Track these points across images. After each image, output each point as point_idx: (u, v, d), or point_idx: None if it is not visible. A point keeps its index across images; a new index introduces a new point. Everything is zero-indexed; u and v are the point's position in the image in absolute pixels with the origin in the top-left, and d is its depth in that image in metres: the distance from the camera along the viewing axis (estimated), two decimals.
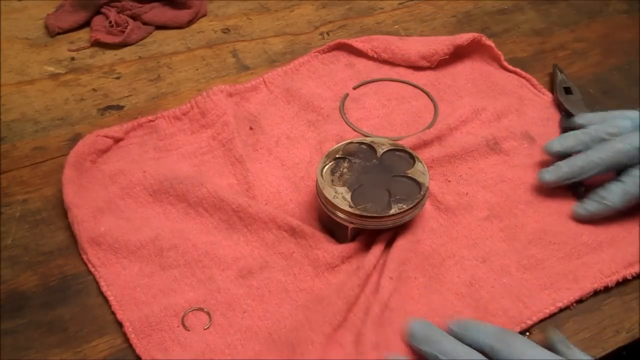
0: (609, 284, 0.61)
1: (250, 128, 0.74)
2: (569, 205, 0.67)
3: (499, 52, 0.81)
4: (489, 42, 0.81)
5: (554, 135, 0.73)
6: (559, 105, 0.76)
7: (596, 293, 0.61)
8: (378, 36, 0.83)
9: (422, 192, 0.62)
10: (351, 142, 0.66)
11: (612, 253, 0.63)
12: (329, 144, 0.71)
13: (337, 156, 0.65)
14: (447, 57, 0.80)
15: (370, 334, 0.57)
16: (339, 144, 0.66)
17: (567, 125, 0.74)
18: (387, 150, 0.66)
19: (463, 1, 0.92)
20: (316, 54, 0.82)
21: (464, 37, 0.80)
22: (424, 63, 0.80)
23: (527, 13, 0.91)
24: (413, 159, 0.65)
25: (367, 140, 0.66)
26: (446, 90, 0.78)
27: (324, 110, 0.76)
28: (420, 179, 0.63)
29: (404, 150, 0.66)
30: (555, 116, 0.76)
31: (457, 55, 0.82)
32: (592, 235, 0.64)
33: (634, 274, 0.62)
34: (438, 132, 0.72)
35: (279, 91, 0.77)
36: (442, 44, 0.80)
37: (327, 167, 0.64)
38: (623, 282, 0.62)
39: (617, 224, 0.66)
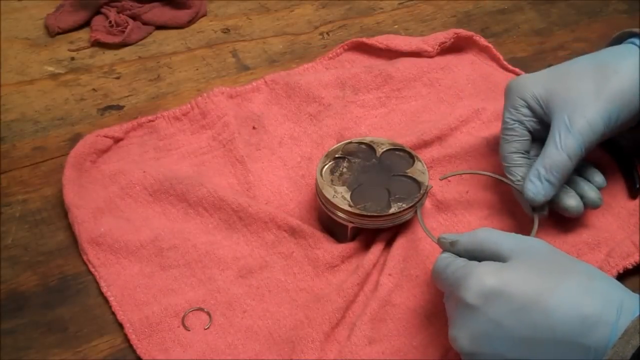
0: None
1: (254, 127, 0.74)
2: None
3: (498, 53, 0.81)
4: (483, 41, 0.81)
5: None
6: None
7: None
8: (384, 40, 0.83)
9: (421, 191, 0.62)
10: (350, 142, 0.66)
11: (610, 249, 0.63)
12: (330, 140, 0.71)
13: (336, 156, 0.65)
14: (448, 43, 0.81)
15: (366, 328, 0.57)
16: (338, 144, 0.66)
17: None
18: (387, 150, 0.66)
19: (463, 1, 0.92)
20: (321, 60, 0.82)
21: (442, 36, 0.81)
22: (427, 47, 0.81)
23: (527, 13, 0.91)
24: (412, 158, 0.65)
25: (367, 139, 0.66)
26: (446, 92, 0.78)
27: (324, 99, 0.75)
28: (419, 178, 0.63)
29: (403, 150, 0.66)
30: None
31: (457, 55, 0.82)
32: (592, 234, 0.65)
33: (634, 264, 0.62)
34: (439, 132, 0.72)
35: (279, 87, 0.77)
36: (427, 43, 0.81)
37: (326, 166, 0.64)
38: (623, 281, 0.62)
39: (616, 223, 0.66)
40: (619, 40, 0.67)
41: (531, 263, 0.50)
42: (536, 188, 0.61)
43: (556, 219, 0.66)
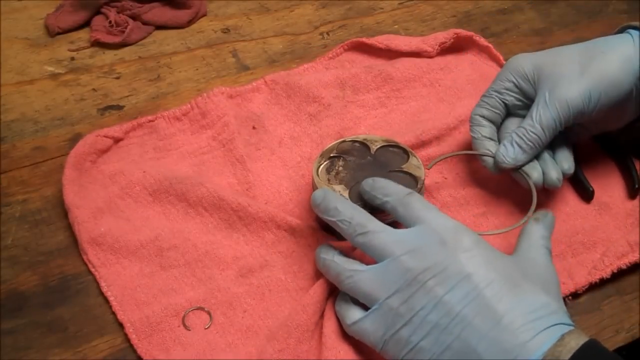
0: (604, 276, 0.61)
1: (253, 127, 0.74)
2: (565, 205, 0.68)
3: (498, 53, 0.81)
4: (483, 41, 0.82)
5: None
6: None
7: (593, 289, 0.62)
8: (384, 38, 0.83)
9: (418, 186, 0.62)
10: (344, 141, 0.66)
11: (606, 249, 0.63)
12: (330, 140, 0.71)
13: (331, 155, 0.65)
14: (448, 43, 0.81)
15: None
16: (332, 143, 0.66)
17: None
18: (381, 147, 0.66)
19: (463, 1, 0.92)
20: (321, 60, 0.82)
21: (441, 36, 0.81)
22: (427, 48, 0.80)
23: (527, 13, 0.91)
24: (407, 154, 0.65)
25: (360, 137, 0.67)
26: (446, 92, 0.78)
27: (324, 99, 0.75)
28: (416, 173, 0.63)
29: (397, 146, 0.66)
30: None
31: (457, 56, 0.82)
32: (587, 234, 0.65)
33: (629, 264, 0.62)
34: (437, 132, 0.72)
35: (279, 87, 0.77)
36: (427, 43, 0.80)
37: (322, 166, 0.64)
38: (622, 281, 0.62)
39: (613, 223, 0.66)
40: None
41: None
42: (506, 151, 0.64)
43: None
